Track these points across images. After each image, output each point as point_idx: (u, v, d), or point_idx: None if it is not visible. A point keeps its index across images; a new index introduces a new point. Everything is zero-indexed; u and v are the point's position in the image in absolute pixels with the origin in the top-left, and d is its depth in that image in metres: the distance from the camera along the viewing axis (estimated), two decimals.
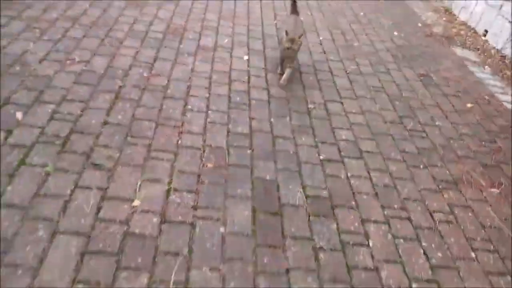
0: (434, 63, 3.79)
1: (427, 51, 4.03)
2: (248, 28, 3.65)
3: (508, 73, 3.87)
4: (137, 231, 1.69)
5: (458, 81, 3.56)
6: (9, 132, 2.00)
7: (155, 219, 1.76)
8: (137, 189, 1.87)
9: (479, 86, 3.58)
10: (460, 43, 4.40)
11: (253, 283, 1.60)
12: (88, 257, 1.56)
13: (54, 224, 1.64)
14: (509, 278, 1.87)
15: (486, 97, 3.39)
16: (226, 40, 3.35)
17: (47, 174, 1.84)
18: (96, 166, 1.93)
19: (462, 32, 4.63)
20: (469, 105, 3.20)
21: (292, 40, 2.74)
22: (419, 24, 4.74)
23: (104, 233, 1.66)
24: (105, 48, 2.85)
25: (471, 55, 4.18)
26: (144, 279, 1.53)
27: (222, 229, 1.78)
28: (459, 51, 4.21)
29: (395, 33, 4.28)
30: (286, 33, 2.76)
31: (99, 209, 1.74)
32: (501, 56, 4.17)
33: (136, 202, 1.81)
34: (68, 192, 1.78)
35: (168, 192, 1.90)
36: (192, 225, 1.77)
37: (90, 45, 2.84)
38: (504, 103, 3.37)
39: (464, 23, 4.90)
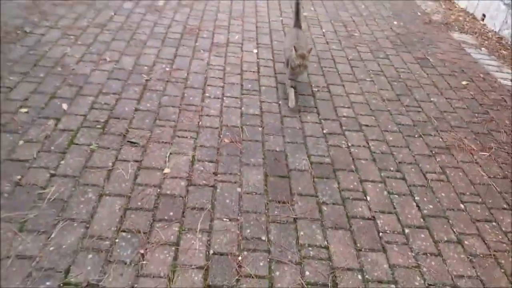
0: (432, 47, 4.05)
1: (425, 37, 4.28)
2: (256, 25, 3.99)
3: (504, 52, 4.08)
4: (168, 192, 2.03)
5: (455, 62, 3.80)
6: (58, 120, 2.39)
7: (183, 183, 2.09)
8: (167, 160, 2.22)
9: (475, 65, 3.81)
10: (458, 28, 4.63)
11: (265, 229, 1.91)
12: (129, 212, 1.90)
13: (101, 189, 1.99)
14: (494, 223, 2.12)
15: (481, 75, 3.62)
16: (237, 37, 3.70)
17: (92, 151, 2.21)
18: (132, 144, 2.29)
19: (460, 18, 4.86)
20: (464, 82, 3.44)
21: (302, 56, 2.64)
22: (418, 13, 4.99)
23: (141, 194, 2.00)
24: (131, 48, 3.24)
25: (469, 39, 4.41)
26: (175, 228, 1.86)
27: (239, 189, 2.11)
28: (456, 36, 4.44)
29: (395, 22, 4.55)
30: (295, 49, 2.63)
31: (136, 176, 2.09)
32: (498, 37, 4.39)
33: (167, 170, 2.15)
34: (110, 164, 2.14)
35: (192, 162, 2.24)
36: (214, 187, 2.10)
37: (118, 47, 3.23)
38: (499, 79, 3.60)
39: (463, 10, 5.12)
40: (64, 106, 2.50)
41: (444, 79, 3.47)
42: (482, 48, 4.18)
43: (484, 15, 4.78)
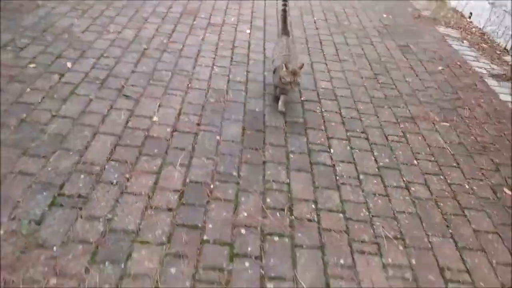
0: (416, 37, 4.31)
1: (411, 29, 4.55)
2: (252, 10, 4.30)
3: (484, 45, 4.33)
4: (155, 135, 2.31)
5: (435, 51, 4.06)
6: (62, 75, 2.69)
7: (168, 129, 2.38)
8: (156, 111, 2.51)
9: (454, 54, 4.07)
10: (445, 23, 4.89)
11: (237, 168, 2.18)
12: (119, 148, 2.18)
13: (96, 129, 2.28)
14: (441, 177, 2.37)
15: (458, 63, 3.88)
16: (233, 19, 4.00)
17: (90, 100, 2.50)
18: (126, 97, 2.59)
19: (449, 15, 5.12)
20: (440, 67, 3.70)
21: (294, 73, 2.48)
22: (409, 9, 5.26)
23: (131, 135, 2.29)
24: (133, 23, 3.56)
25: (453, 33, 4.67)
26: (158, 161, 2.14)
27: (218, 137, 2.38)
28: (442, 30, 4.70)
29: (384, 15, 4.83)
30: (286, 66, 2.48)
31: (128, 121, 2.38)
32: (481, 33, 4.64)
33: (155, 118, 2.44)
34: (106, 111, 2.43)
35: (179, 114, 2.52)
36: (196, 134, 2.38)
37: (121, 21, 3.55)
38: (474, 67, 3.85)
39: (453, 8, 5.38)
40: (69, 64, 2.81)
41: (422, 64, 3.73)
42: (464, 41, 4.43)
43: (471, 13, 5.04)
